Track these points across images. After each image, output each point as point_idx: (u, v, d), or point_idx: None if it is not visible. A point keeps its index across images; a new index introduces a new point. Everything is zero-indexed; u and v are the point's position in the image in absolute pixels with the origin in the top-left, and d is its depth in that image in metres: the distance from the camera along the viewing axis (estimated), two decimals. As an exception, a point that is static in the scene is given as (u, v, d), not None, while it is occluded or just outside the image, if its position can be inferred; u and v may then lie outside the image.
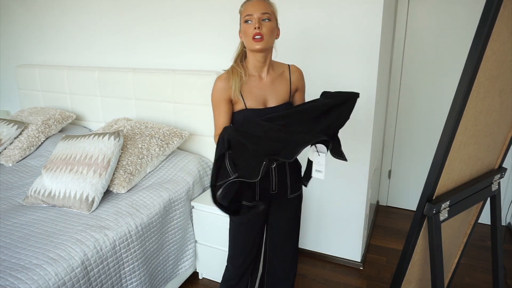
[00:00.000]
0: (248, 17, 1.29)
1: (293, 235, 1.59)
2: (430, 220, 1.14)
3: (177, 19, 2.37)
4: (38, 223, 1.65)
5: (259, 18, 1.28)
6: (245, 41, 1.33)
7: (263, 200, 1.46)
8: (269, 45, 1.33)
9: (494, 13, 0.93)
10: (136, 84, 2.48)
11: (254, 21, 1.28)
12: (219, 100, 1.38)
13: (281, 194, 1.47)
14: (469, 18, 2.47)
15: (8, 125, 2.50)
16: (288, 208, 1.52)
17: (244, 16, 1.30)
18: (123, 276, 1.64)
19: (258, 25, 1.27)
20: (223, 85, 1.36)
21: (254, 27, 1.27)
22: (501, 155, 1.40)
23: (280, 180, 1.44)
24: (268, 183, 1.42)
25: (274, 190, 1.45)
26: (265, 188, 1.43)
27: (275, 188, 1.44)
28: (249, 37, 1.29)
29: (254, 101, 1.37)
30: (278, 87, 1.41)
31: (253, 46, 1.30)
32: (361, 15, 1.89)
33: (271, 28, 1.31)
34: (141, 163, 2.03)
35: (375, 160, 2.40)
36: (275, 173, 1.42)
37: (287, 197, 1.49)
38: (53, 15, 2.86)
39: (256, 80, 1.39)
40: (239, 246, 1.53)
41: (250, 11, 1.29)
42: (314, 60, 2.06)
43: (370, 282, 2.17)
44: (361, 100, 2.01)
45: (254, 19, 1.28)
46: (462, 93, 1.01)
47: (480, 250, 2.45)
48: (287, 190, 1.47)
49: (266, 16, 1.29)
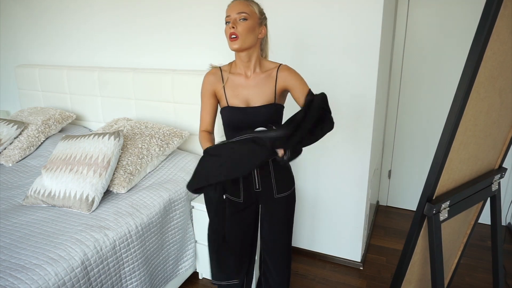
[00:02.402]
0: (227, 18, 1.33)
1: (283, 236, 1.55)
2: (430, 220, 1.14)
3: (177, 19, 2.37)
4: (38, 223, 1.65)
5: (235, 19, 1.31)
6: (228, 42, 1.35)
7: (248, 197, 1.47)
8: (247, 45, 1.33)
9: (494, 13, 0.93)
10: (136, 84, 2.48)
11: (231, 21, 1.32)
12: (204, 93, 1.45)
13: (266, 193, 1.47)
14: (469, 18, 2.47)
15: (8, 125, 2.50)
16: (277, 208, 1.50)
17: (225, 18, 1.35)
18: (123, 276, 1.64)
19: (232, 25, 1.30)
20: (209, 78, 1.43)
21: (230, 27, 1.31)
22: (501, 155, 1.40)
23: (263, 179, 1.45)
24: (250, 180, 1.44)
25: (258, 188, 1.46)
26: (248, 185, 1.45)
27: (258, 187, 1.46)
28: (227, 37, 1.34)
29: (236, 99, 1.39)
30: (263, 87, 1.39)
31: (230, 46, 1.34)
32: (361, 15, 1.89)
33: (248, 27, 1.31)
34: (141, 163, 2.03)
35: (375, 160, 2.40)
36: (257, 171, 1.43)
37: (274, 197, 1.48)
38: (53, 15, 2.86)
39: (241, 78, 1.41)
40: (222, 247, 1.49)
41: (228, 12, 1.33)
42: (314, 60, 2.06)
43: (370, 282, 2.17)
44: (361, 100, 2.02)
45: (231, 19, 1.32)
46: (462, 93, 1.01)
47: (480, 250, 2.45)
48: (272, 190, 1.47)
49: (242, 16, 1.31)
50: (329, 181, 2.23)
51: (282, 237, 1.55)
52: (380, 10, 1.84)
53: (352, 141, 2.09)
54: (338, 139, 2.13)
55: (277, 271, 1.59)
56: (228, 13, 1.32)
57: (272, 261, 1.59)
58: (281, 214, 1.52)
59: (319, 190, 2.28)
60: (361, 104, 2.02)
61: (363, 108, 2.02)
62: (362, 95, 2.00)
